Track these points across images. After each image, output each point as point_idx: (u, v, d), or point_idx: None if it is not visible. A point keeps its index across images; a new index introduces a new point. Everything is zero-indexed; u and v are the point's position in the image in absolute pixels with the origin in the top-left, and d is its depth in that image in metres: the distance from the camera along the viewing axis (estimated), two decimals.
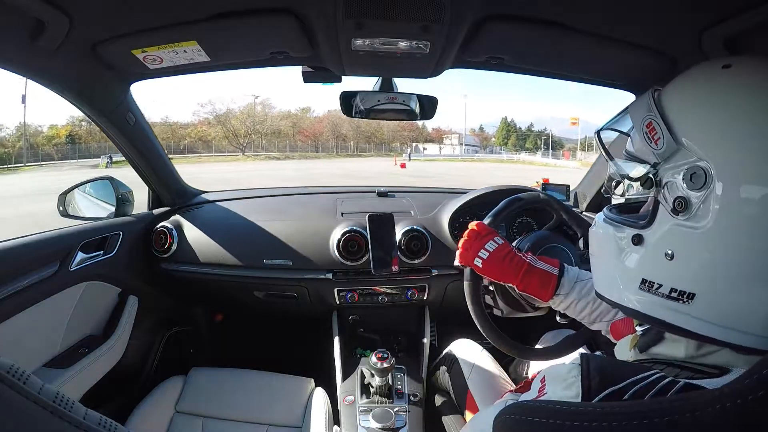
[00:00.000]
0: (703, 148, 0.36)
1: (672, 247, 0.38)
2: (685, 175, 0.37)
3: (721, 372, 0.35)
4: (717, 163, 0.35)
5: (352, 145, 45.56)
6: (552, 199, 1.00)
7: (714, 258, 0.35)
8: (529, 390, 0.43)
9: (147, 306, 1.26)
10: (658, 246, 0.39)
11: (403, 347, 1.32)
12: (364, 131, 45.78)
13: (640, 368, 0.35)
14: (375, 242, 1.23)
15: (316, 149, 43.20)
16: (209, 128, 41.01)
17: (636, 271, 0.41)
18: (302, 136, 45.04)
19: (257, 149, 40.36)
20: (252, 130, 41.45)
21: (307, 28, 0.81)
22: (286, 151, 40.46)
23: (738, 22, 0.64)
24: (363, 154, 43.86)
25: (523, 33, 0.82)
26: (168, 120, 42.36)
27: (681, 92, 0.41)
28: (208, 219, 1.34)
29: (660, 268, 0.39)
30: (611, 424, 0.28)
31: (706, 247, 0.36)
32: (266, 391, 1.13)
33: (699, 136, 0.37)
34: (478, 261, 0.81)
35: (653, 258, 0.39)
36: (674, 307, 0.38)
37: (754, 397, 0.24)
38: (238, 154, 37.64)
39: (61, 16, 0.69)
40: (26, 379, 0.27)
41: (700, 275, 0.36)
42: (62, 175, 3.13)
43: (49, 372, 0.94)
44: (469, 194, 1.35)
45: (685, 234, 0.37)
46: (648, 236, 0.40)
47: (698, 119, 0.38)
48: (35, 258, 0.89)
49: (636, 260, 0.41)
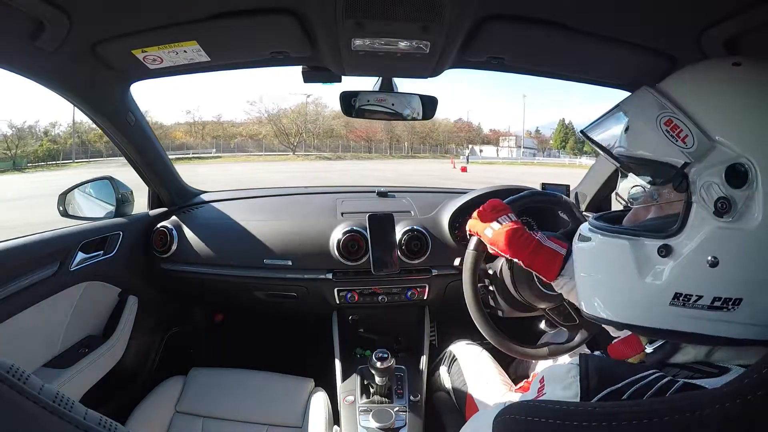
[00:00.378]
0: (742, 143, 0.35)
1: (716, 253, 0.35)
2: (726, 174, 0.35)
3: (720, 371, 0.35)
4: (758, 158, 0.34)
5: (406, 146, 44.25)
6: (573, 205, 1.01)
7: (764, 258, 0.34)
8: (528, 390, 0.43)
9: (147, 306, 1.26)
10: (697, 254, 0.36)
11: (403, 347, 1.32)
12: (419, 132, 44.29)
13: (639, 368, 0.35)
14: (375, 242, 1.23)
15: (369, 150, 42.02)
16: (260, 127, 40.73)
17: (666, 286, 0.37)
18: (355, 136, 43.41)
19: (308, 149, 39.70)
20: (303, 129, 40.50)
21: (307, 28, 0.81)
22: (338, 152, 39.59)
23: (738, 22, 0.63)
24: (418, 155, 42.60)
25: (523, 33, 0.81)
26: (220, 118, 42.64)
27: (699, 89, 0.39)
28: (208, 219, 1.34)
29: (699, 278, 0.36)
30: (611, 424, 0.28)
31: (755, 248, 0.34)
32: (266, 391, 1.13)
33: (735, 131, 0.35)
34: (488, 230, 0.82)
35: (691, 268, 0.36)
36: (716, 317, 0.35)
37: (755, 396, 0.24)
38: (288, 153, 37.37)
39: (61, 16, 0.69)
40: (26, 379, 0.27)
41: (748, 278, 0.34)
42: (102, 171, 3.09)
43: (49, 372, 0.94)
44: (469, 194, 1.35)
45: (731, 237, 0.35)
46: (679, 245, 0.37)
47: (731, 115, 0.36)
48: (35, 258, 0.89)
49: (666, 274, 0.37)
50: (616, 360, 0.44)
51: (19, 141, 30.17)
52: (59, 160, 28.93)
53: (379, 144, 43.47)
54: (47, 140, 29.88)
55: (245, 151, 36.84)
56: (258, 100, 43.75)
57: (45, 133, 29.94)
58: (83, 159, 29.72)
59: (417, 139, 45.10)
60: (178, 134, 39.08)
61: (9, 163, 27.88)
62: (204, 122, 40.93)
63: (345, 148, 41.14)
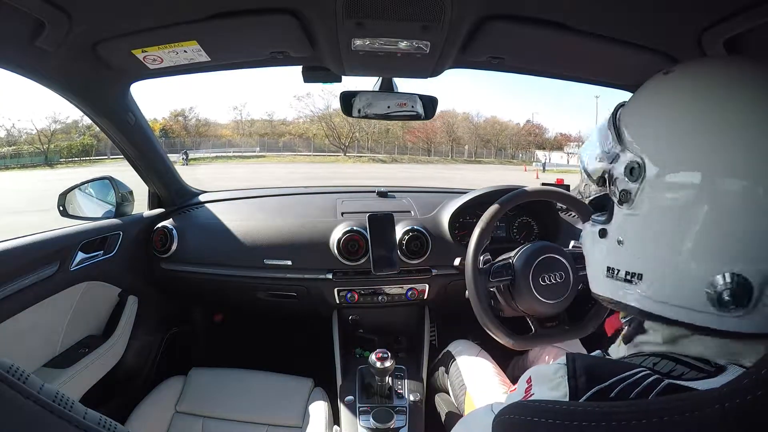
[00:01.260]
0: (639, 144, 0.41)
1: (622, 235, 0.43)
2: (626, 170, 0.42)
3: (717, 371, 0.35)
4: (648, 155, 0.40)
5: (467, 150, 39.16)
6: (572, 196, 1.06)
7: (652, 239, 0.40)
8: (516, 391, 0.43)
9: (147, 306, 1.26)
10: (613, 235, 0.45)
11: (403, 347, 1.33)
12: (482, 135, 40.00)
13: (626, 366, 0.35)
14: (375, 242, 1.23)
15: (428, 152, 37.94)
16: (311, 125, 37.38)
17: (602, 260, 0.46)
18: (413, 136, 38.84)
19: (361, 150, 36.54)
20: (356, 128, 36.35)
21: (307, 28, 0.81)
22: (394, 153, 36.23)
23: (738, 22, 0.64)
24: (482, 160, 38.13)
25: (523, 33, 0.81)
26: (272, 116, 39.43)
27: (631, 99, 0.46)
28: (208, 219, 1.34)
29: (616, 255, 0.44)
30: (610, 423, 0.28)
31: (644, 231, 0.40)
32: (266, 391, 1.13)
33: (635, 134, 0.42)
34: None
35: (612, 246, 0.45)
36: (629, 288, 0.42)
37: (754, 396, 0.25)
38: (339, 154, 34.50)
39: (61, 15, 0.69)
40: (26, 378, 0.27)
41: (643, 256, 0.41)
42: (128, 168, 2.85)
43: (49, 372, 0.94)
44: (469, 194, 1.35)
45: (629, 221, 0.42)
46: (608, 229, 0.46)
47: (638, 121, 0.43)
48: (35, 258, 0.89)
49: (602, 251, 0.47)
50: (603, 358, 0.46)
51: (62, 135, 29.76)
52: (92, 156, 28.61)
53: (438, 147, 38.80)
54: (89, 135, 29.25)
55: (293, 151, 34.23)
56: (305, 95, 38.66)
57: (88, 128, 29.12)
58: (118, 156, 29.61)
59: (480, 142, 40.18)
60: (225, 132, 36.84)
61: (41, 157, 27.75)
62: (253, 120, 38.64)
63: (402, 149, 37.41)
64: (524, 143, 41.94)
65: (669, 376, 0.35)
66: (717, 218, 0.35)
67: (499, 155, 40.06)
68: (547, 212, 1.41)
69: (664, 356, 0.39)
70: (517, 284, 0.95)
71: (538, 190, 1.06)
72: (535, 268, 0.95)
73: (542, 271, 0.95)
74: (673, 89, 0.41)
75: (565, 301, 0.96)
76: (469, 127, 39.90)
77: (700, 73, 0.41)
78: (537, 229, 1.43)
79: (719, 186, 0.35)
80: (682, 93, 0.40)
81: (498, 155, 39.99)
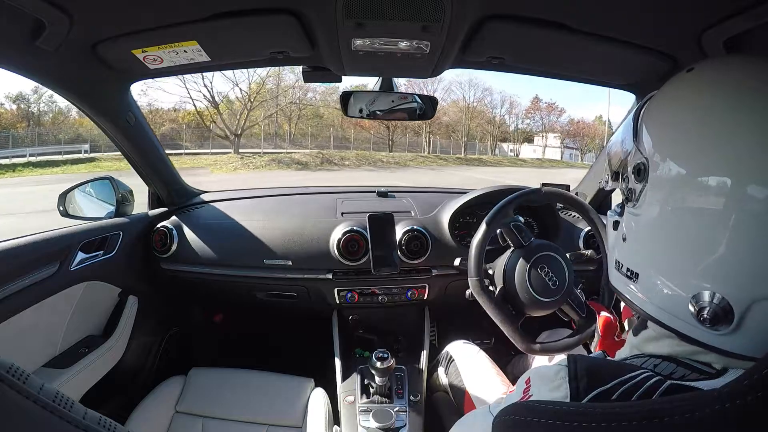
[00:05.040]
0: (647, 146, 0.41)
1: (625, 231, 0.44)
2: (634, 169, 0.42)
3: (719, 373, 0.35)
4: (651, 158, 0.40)
5: (422, 143, 23.19)
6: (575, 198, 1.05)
7: (648, 242, 0.40)
8: (514, 392, 0.43)
9: (147, 306, 1.26)
10: (620, 230, 0.45)
11: (403, 347, 1.32)
12: (449, 123, 23.84)
13: (628, 368, 0.35)
14: (375, 242, 1.23)
15: (346, 146, 21.86)
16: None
17: (612, 252, 0.47)
18: (356, 126, 22.29)
19: (281, 141, 22.21)
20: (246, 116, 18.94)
21: (307, 28, 0.81)
22: (329, 149, 21.02)
23: (738, 22, 0.64)
24: (471, 159, 22.28)
25: (523, 33, 0.81)
26: (151, 106, 20.45)
27: (653, 100, 0.45)
28: (208, 219, 1.34)
29: (621, 250, 0.45)
30: (611, 424, 0.28)
31: (642, 232, 0.41)
32: (266, 391, 1.12)
33: (645, 137, 0.42)
34: None
35: (620, 241, 0.45)
36: (631, 285, 0.43)
37: (754, 397, 0.25)
38: (228, 150, 18.40)
39: (61, 15, 0.69)
40: (26, 378, 0.27)
41: (641, 257, 0.41)
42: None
43: (49, 372, 0.94)
44: (469, 194, 1.35)
45: (632, 219, 0.43)
46: (620, 222, 0.46)
47: (650, 122, 0.42)
48: (35, 258, 0.89)
49: (614, 243, 0.48)
50: (605, 359, 0.46)
51: None
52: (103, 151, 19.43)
53: (379, 138, 23.73)
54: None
55: (173, 148, 18.29)
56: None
57: None
58: None
59: (442, 131, 25.30)
60: None
61: None
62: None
63: (341, 141, 22.80)
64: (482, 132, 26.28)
65: (671, 377, 0.35)
66: (709, 237, 0.35)
67: (470, 149, 25.07)
68: (547, 212, 1.41)
69: (666, 358, 0.39)
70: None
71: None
72: (535, 259, 0.94)
73: (537, 269, 0.93)
74: (680, 93, 0.40)
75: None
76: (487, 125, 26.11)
77: (706, 79, 0.40)
78: (537, 230, 1.43)
79: (711, 203, 0.34)
80: (695, 97, 0.39)
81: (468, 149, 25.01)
